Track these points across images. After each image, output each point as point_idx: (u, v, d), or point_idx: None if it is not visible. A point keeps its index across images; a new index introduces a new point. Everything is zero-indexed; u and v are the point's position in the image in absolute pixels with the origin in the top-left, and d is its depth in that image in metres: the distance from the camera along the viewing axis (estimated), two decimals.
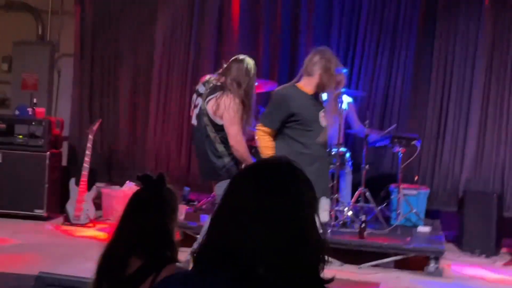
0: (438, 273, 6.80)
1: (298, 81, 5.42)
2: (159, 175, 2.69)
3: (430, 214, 8.31)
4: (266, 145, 5.24)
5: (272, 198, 1.66)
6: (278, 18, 8.97)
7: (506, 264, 7.48)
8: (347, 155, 7.65)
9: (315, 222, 1.71)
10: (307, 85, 5.32)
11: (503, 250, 7.95)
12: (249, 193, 1.68)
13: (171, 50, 9.22)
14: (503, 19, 8.40)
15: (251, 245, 1.63)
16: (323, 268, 1.69)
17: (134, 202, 2.66)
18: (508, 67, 8.37)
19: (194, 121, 5.58)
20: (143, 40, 9.41)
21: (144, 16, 9.38)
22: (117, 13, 9.46)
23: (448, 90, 8.53)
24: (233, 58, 5.63)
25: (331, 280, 1.69)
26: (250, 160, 5.36)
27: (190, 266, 1.79)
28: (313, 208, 1.72)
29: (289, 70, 8.92)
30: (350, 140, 8.45)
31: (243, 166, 5.33)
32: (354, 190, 7.75)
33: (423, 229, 7.67)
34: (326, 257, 1.70)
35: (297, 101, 5.25)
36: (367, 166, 7.61)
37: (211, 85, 5.49)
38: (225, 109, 5.31)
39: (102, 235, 7.57)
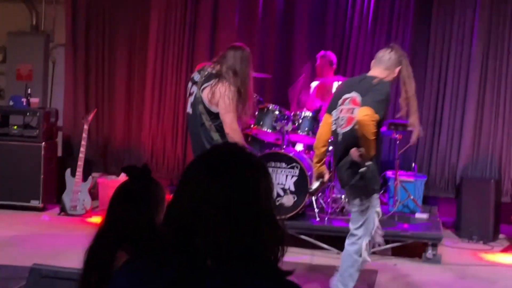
0: (436, 259, 6.79)
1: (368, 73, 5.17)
2: (143, 166, 2.64)
3: (428, 201, 8.30)
4: (374, 131, 4.73)
5: (224, 188, 1.60)
6: (274, 5, 8.90)
7: (503, 250, 7.48)
8: None
9: (271, 214, 1.64)
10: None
11: (501, 236, 7.95)
12: (201, 182, 1.62)
13: (165, 39, 9.15)
14: (499, 5, 8.34)
15: (202, 235, 1.57)
16: (278, 260, 1.63)
17: (120, 194, 2.63)
18: (505, 53, 8.32)
19: (189, 110, 5.53)
20: (138, 28, 9.34)
21: (139, 4, 9.31)
22: (111, 1, 9.39)
23: (444, 76, 8.49)
24: (229, 46, 5.60)
25: (290, 272, 1.63)
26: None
27: None
28: (269, 199, 1.65)
29: (285, 59, 8.89)
30: None
31: None
32: None
33: (421, 215, 7.66)
34: (283, 249, 1.63)
35: None
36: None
37: (206, 73, 5.44)
38: (220, 96, 5.25)
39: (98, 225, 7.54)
